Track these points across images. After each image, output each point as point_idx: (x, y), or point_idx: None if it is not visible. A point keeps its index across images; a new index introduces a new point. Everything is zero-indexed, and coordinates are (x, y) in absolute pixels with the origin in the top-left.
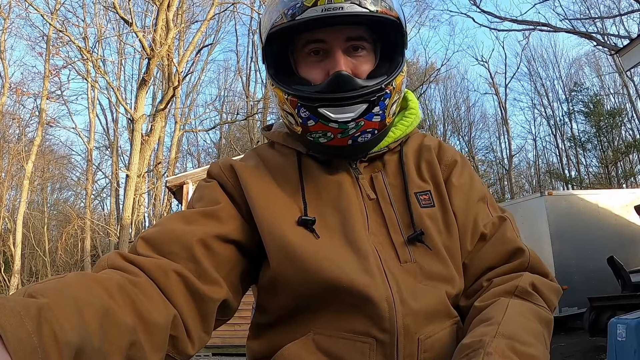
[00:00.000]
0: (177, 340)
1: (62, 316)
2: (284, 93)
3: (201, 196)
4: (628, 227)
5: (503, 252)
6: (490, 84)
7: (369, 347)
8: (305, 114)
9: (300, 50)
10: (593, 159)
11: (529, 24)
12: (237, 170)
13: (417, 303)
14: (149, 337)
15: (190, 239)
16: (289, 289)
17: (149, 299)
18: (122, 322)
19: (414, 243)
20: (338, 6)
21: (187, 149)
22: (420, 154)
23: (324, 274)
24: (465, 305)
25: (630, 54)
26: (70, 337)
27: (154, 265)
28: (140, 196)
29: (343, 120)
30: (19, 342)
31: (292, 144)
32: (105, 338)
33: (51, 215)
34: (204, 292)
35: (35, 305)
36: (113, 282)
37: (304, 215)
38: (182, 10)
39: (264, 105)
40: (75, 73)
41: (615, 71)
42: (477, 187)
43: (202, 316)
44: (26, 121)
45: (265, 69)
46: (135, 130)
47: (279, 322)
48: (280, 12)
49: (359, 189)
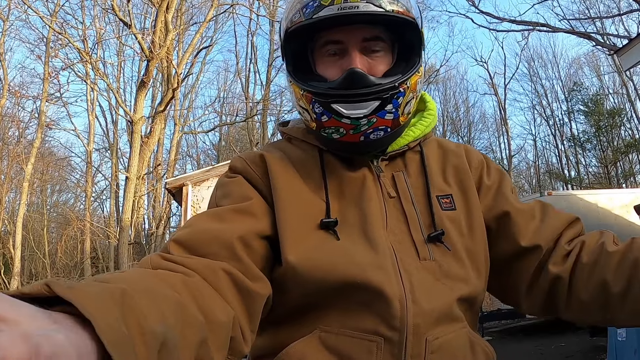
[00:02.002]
0: (234, 341)
1: (145, 305)
2: (300, 89)
3: (228, 192)
4: (628, 227)
5: (564, 220)
6: (490, 85)
7: (376, 346)
8: (319, 110)
9: (319, 49)
10: (592, 159)
11: (528, 24)
12: (267, 160)
13: (430, 304)
14: (214, 336)
15: (229, 237)
16: (301, 286)
17: (209, 297)
18: (193, 317)
19: (434, 242)
20: (354, 5)
21: (187, 151)
22: (446, 158)
23: (339, 272)
24: (559, 271)
25: (629, 54)
26: (154, 326)
27: (200, 265)
28: (140, 198)
29: (355, 116)
30: (110, 330)
31: (313, 140)
32: (181, 333)
33: (51, 218)
34: (253, 289)
35: (118, 291)
36: (177, 278)
37: (327, 218)
38: (181, 12)
39: (264, 106)
40: (75, 75)
41: (615, 71)
42: (507, 181)
43: (251, 314)
44: (26, 123)
45: (285, 66)
46: (134, 132)
47: (285, 319)
48: (298, 10)
49: (380, 186)
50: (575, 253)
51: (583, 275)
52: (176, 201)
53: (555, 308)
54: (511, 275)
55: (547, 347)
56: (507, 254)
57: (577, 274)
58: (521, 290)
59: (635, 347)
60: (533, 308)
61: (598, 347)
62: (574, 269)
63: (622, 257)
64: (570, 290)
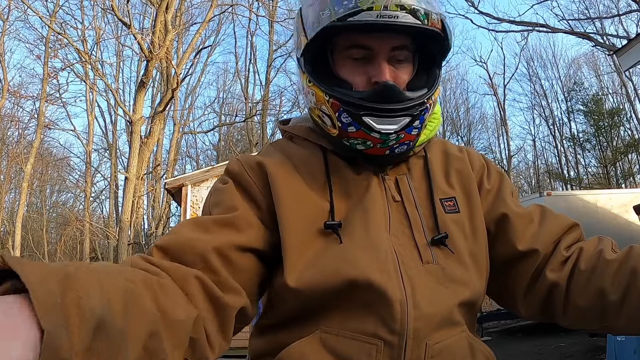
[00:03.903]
0: (197, 343)
1: (89, 286)
2: (324, 94)
3: (218, 201)
4: (627, 227)
5: (563, 225)
6: (489, 85)
7: (376, 349)
8: (347, 120)
9: (342, 50)
10: (592, 159)
11: (527, 24)
12: (267, 169)
13: (431, 308)
14: (170, 332)
15: (204, 248)
16: (302, 294)
17: (171, 297)
18: (145, 308)
19: (438, 245)
20: (393, 15)
21: (186, 151)
22: (449, 162)
23: (341, 275)
24: (556, 277)
25: (629, 54)
26: (95, 305)
27: (174, 268)
28: (139, 198)
29: (386, 132)
30: (44, 295)
31: (316, 139)
32: (128, 321)
33: (50, 218)
34: (223, 299)
35: (63, 271)
36: (138, 275)
37: (331, 220)
38: (181, 12)
39: (263, 107)
40: (74, 75)
41: (614, 71)
42: (507, 184)
43: (221, 323)
44: (25, 124)
45: (301, 63)
46: (134, 133)
47: (286, 321)
48: (328, 5)
49: (384, 189)
50: (573, 260)
51: (580, 282)
52: (175, 201)
53: (552, 314)
54: (509, 278)
55: (547, 347)
56: (504, 258)
57: (574, 281)
58: (518, 294)
59: (635, 348)
60: (530, 312)
61: (598, 347)
62: (572, 276)
63: (620, 265)
64: (568, 297)
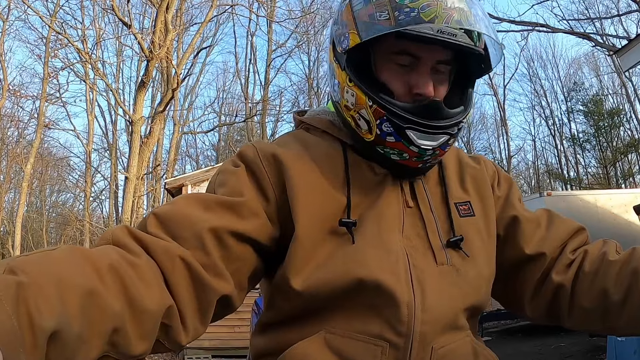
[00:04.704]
0: (170, 329)
1: (41, 297)
2: (368, 99)
3: (224, 182)
4: (627, 227)
5: (570, 229)
6: (489, 85)
7: (381, 351)
8: (388, 129)
9: (389, 54)
10: (592, 159)
11: (527, 24)
12: (282, 161)
13: (439, 311)
14: (137, 324)
15: (202, 227)
16: (309, 291)
17: (143, 283)
18: (107, 306)
19: (453, 248)
20: (453, 32)
21: (186, 151)
22: (463, 168)
23: (350, 275)
24: (562, 280)
25: (629, 54)
26: (46, 320)
27: (160, 248)
28: (139, 198)
29: (425, 147)
30: (1, 324)
31: (337, 133)
32: (86, 322)
33: (50, 218)
34: (209, 283)
35: (14, 284)
36: (106, 261)
37: (347, 218)
38: (181, 12)
39: (263, 107)
40: (74, 75)
41: (614, 71)
42: (515, 190)
43: (201, 307)
44: (25, 123)
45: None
46: (134, 132)
47: (289, 320)
48: (388, 12)
49: (400, 192)
50: (578, 262)
51: (585, 284)
52: None
53: (557, 316)
54: (516, 282)
55: (547, 347)
56: (512, 261)
57: (579, 283)
58: (525, 297)
59: (635, 348)
60: (536, 315)
61: (598, 347)
62: (577, 277)
63: (622, 266)
64: (573, 299)
